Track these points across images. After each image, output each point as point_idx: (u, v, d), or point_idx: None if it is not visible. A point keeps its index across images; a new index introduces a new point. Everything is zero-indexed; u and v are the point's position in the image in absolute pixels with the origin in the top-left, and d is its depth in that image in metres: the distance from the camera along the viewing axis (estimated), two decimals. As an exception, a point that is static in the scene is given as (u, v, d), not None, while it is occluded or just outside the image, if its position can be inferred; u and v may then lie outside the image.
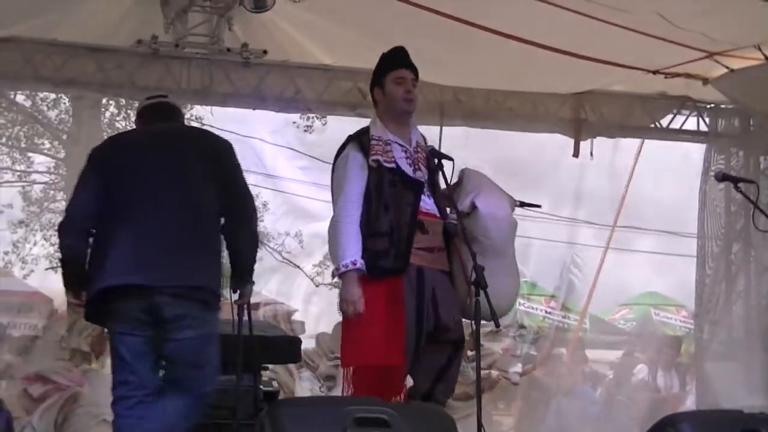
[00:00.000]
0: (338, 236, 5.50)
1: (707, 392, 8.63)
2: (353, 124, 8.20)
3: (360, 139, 5.60)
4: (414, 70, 5.66)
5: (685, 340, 12.19)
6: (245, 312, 5.51)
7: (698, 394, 8.98)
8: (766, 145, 8.77)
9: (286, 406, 4.95)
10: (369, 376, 5.42)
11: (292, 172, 11.43)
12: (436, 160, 5.59)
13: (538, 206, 6.34)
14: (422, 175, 5.61)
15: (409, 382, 5.64)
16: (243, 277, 5.25)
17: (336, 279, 5.75)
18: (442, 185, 5.64)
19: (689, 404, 9.74)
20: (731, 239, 8.78)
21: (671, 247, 11.18)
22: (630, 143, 9.30)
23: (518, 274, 5.97)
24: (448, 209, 5.64)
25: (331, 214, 5.70)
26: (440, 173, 5.56)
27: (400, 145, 5.63)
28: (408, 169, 5.58)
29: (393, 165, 5.54)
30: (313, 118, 13.46)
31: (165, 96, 5.59)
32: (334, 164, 5.69)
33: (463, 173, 5.90)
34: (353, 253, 5.42)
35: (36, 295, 12.11)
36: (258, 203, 14.60)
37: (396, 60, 5.67)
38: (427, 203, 5.58)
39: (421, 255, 5.52)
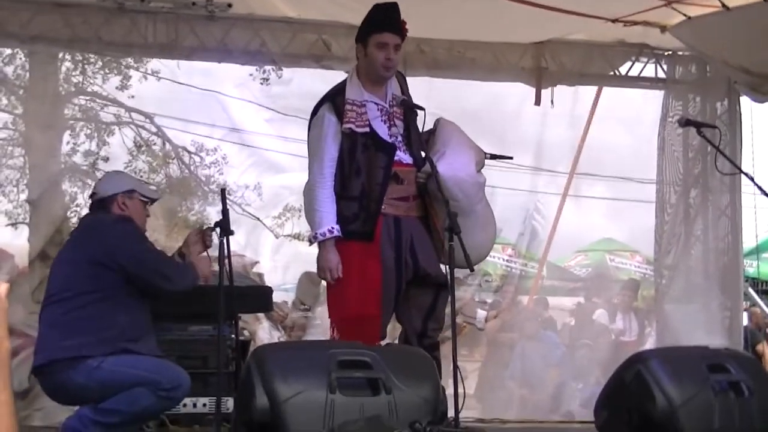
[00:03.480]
0: (313, 203, 5.70)
1: (667, 334, 8.83)
2: (317, 75, 8.35)
3: (335, 102, 5.72)
4: (399, 31, 5.75)
5: (641, 285, 12.43)
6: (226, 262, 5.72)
7: (658, 335, 9.17)
8: (722, 92, 8.92)
9: (270, 351, 5.11)
10: (350, 326, 5.64)
11: (256, 124, 11.48)
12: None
13: (510, 158, 6.49)
14: (397, 130, 5.78)
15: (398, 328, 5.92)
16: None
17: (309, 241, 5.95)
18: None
19: (648, 346, 9.93)
20: (689, 184, 8.96)
21: (626, 193, 11.33)
22: (590, 91, 9.44)
23: (491, 226, 6.14)
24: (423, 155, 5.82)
25: (296, 165, 5.90)
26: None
27: (375, 104, 5.77)
28: (382, 129, 5.74)
29: (367, 129, 5.69)
30: (269, 70, 13.44)
31: (95, 194, 5.86)
32: (309, 123, 5.84)
33: (437, 123, 6.07)
34: (329, 220, 5.63)
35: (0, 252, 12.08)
36: (217, 156, 14.83)
37: (382, 22, 5.74)
38: (402, 157, 5.76)
39: (396, 205, 5.73)
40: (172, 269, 5.67)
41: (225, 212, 5.78)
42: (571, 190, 10.13)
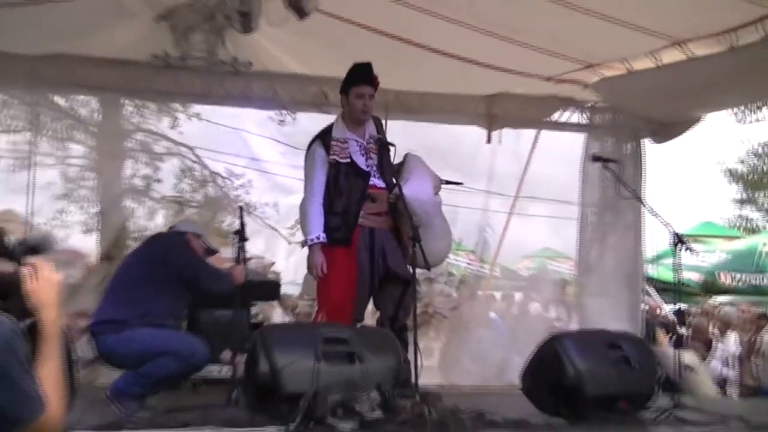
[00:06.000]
0: (305, 216, 5.81)
1: (585, 321, 8.81)
2: (318, 118, 8.39)
3: (324, 139, 5.84)
4: (373, 83, 5.82)
5: (571, 283, 12.43)
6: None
7: (579, 322, 9.21)
8: (630, 135, 8.95)
9: (272, 329, 5.21)
10: (331, 310, 5.73)
11: (273, 156, 11.59)
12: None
13: (460, 183, 6.58)
14: (373, 162, 5.86)
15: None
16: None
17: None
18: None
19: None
20: (604, 207, 8.96)
21: (561, 213, 11.35)
22: (530, 133, 9.48)
23: (447, 237, 6.19)
24: (394, 180, 5.88)
25: (302, 188, 6.00)
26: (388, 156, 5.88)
27: (355, 141, 5.85)
28: (361, 161, 5.82)
29: (348, 160, 5.79)
30: (285, 114, 13.46)
31: (173, 227, 6.27)
32: (305, 155, 5.94)
33: (406, 157, 6.16)
34: (317, 229, 5.72)
35: (75, 253, 12.12)
36: (244, 180, 14.85)
37: (360, 77, 5.84)
38: (376, 182, 5.84)
39: (372, 219, 5.82)
40: (214, 275, 5.78)
41: (242, 224, 5.91)
42: (517, 209, 10.14)
